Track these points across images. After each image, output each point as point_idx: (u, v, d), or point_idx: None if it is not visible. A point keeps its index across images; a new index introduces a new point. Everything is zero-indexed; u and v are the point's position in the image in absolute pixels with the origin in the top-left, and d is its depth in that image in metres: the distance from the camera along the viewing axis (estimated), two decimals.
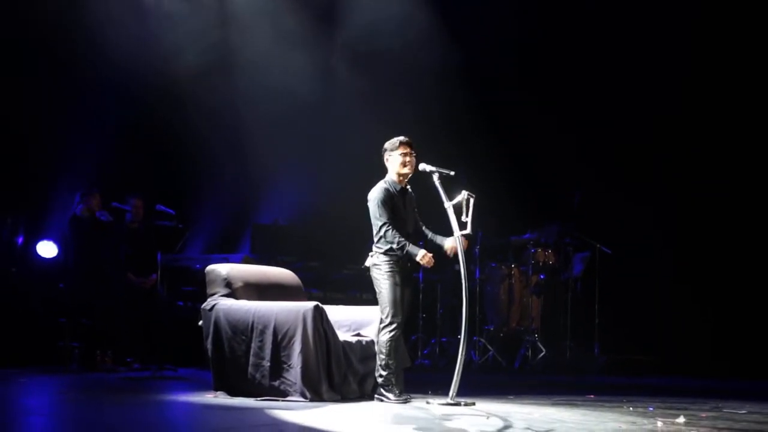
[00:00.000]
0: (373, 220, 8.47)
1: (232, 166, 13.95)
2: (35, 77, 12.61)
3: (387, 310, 8.34)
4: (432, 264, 8.39)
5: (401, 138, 8.55)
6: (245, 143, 13.96)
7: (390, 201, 8.43)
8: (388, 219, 8.37)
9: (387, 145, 8.58)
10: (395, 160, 8.52)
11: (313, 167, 14.01)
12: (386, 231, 8.36)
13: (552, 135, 14.01)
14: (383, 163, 8.61)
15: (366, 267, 8.56)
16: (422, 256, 8.31)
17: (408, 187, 8.63)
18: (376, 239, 8.46)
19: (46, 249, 12.14)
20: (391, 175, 8.56)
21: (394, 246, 8.32)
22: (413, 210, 8.66)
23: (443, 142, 12.78)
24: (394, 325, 8.33)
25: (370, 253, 8.50)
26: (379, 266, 8.42)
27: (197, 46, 13.48)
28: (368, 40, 14.11)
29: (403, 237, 8.37)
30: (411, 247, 8.33)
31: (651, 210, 13.94)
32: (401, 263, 8.40)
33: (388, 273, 8.38)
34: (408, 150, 8.53)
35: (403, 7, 14.12)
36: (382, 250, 8.41)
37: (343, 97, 14.06)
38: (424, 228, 8.68)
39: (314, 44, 14.09)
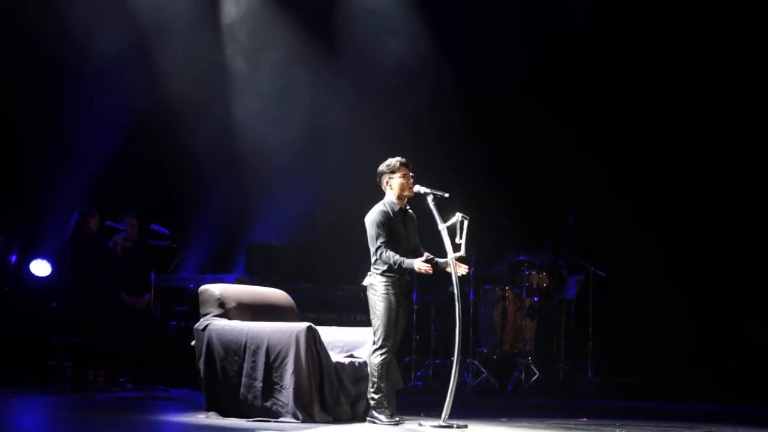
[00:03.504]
0: (369, 242, 8.42)
1: (226, 186, 13.94)
2: (30, 96, 12.60)
3: (380, 332, 8.30)
4: (431, 272, 8.33)
5: (400, 159, 8.48)
6: (240, 163, 13.97)
7: (387, 223, 8.36)
8: (384, 241, 8.34)
9: (384, 168, 8.50)
10: (396, 183, 8.45)
11: (307, 187, 14.01)
12: (381, 252, 8.31)
13: (548, 155, 14.03)
14: (378, 183, 8.56)
15: (364, 285, 8.52)
16: (419, 264, 8.24)
17: (408, 208, 8.60)
18: (373, 260, 8.42)
19: (40, 267, 12.11)
20: (391, 197, 8.48)
21: (391, 264, 8.27)
22: (414, 231, 8.61)
23: (438, 161, 12.80)
24: (385, 349, 8.28)
25: (369, 273, 8.47)
26: (375, 287, 8.37)
27: (193, 66, 13.51)
28: (364, 59, 14.15)
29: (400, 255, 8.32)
30: (406, 262, 8.27)
31: (645, 233, 13.93)
32: (398, 286, 8.34)
33: (384, 295, 8.32)
34: (407, 171, 8.49)
35: (398, 26, 14.16)
36: (380, 271, 8.35)
37: (337, 117, 14.07)
38: (424, 252, 8.60)
39: (309, 64, 14.11)
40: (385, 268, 8.33)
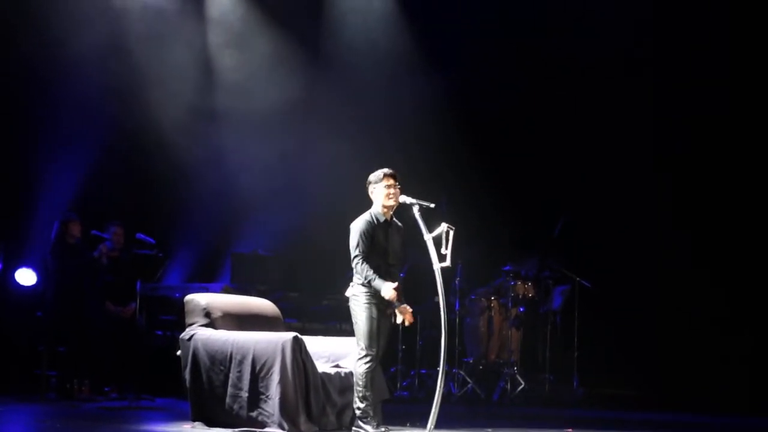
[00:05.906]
0: (351, 251, 8.46)
1: (212, 195, 13.92)
2: (13, 103, 12.57)
3: (363, 342, 8.32)
4: (396, 299, 8.32)
5: (386, 170, 8.54)
6: (225, 172, 13.95)
7: (370, 232, 8.39)
8: (362, 251, 8.34)
9: (372, 177, 8.57)
10: (380, 193, 8.50)
11: (293, 197, 14.00)
12: (357, 263, 8.35)
13: (535, 165, 14.05)
14: (367, 194, 8.60)
15: (347, 296, 8.54)
16: (387, 290, 8.25)
17: (394, 218, 8.61)
18: (353, 270, 8.45)
19: (25, 276, 12.08)
20: (376, 207, 8.53)
21: (363, 280, 8.31)
22: (399, 242, 8.62)
23: (425, 172, 12.80)
24: (369, 357, 8.30)
25: (351, 283, 8.49)
26: (356, 297, 8.39)
27: (180, 75, 13.51)
28: (350, 68, 14.16)
29: (381, 268, 8.33)
30: (377, 282, 8.28)
31: (631, 243, 13.95)
32: (379, 296, 8.35)
33: (365, 305, 8.34)
34: (392, 182, 8.52)
35: (385, 35, 14.18)
36: (360, 282, 8.39)
37: (324, 127, 14.06)
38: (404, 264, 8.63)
39: (296, 73, 14.11)
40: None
